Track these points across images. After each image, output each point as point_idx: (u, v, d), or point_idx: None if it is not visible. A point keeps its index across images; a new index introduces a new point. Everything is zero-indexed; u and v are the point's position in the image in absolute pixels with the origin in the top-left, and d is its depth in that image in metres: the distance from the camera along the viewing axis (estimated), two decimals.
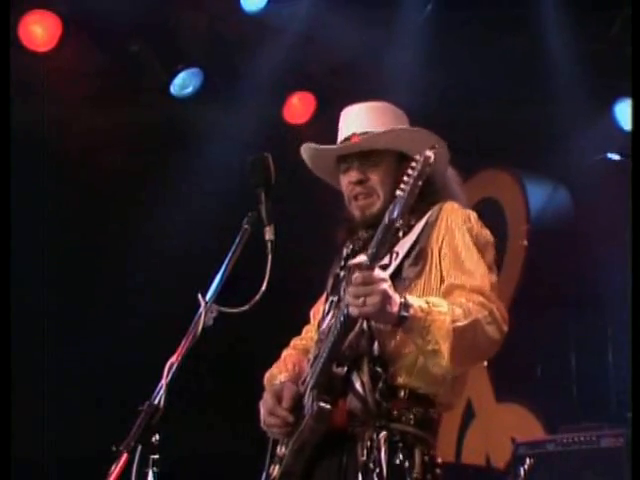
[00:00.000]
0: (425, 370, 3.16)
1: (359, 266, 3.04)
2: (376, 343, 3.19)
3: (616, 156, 5.59)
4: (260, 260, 3.08)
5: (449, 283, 3.23)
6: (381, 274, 3.04)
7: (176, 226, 6.93)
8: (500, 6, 6.47)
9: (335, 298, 3.42)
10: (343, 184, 3.49)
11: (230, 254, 3.12)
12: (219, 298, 3.03)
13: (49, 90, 6.59)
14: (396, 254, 3.28)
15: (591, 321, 6.99)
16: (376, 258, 3.05)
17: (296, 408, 3.29)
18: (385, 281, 3.02)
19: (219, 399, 7.14)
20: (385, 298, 3.00)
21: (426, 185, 3.20)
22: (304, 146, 3.56)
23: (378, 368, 3.17)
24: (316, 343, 3.42)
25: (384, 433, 3.14)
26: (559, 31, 6.66)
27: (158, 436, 2.81)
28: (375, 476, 3.09)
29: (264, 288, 3.04)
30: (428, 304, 3.08)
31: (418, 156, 3.07)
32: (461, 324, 3.06)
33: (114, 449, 2.77)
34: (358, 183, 3.42)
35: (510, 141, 7.20)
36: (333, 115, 3.61)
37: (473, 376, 7.54)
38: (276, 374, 3.52)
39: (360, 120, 3.49)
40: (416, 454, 3.16)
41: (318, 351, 3.30)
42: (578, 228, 7.19)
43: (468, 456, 7.55)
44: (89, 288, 7.02)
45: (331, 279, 3.57)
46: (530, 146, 7.22)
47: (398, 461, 3.12)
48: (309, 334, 3.66)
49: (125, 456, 2.76)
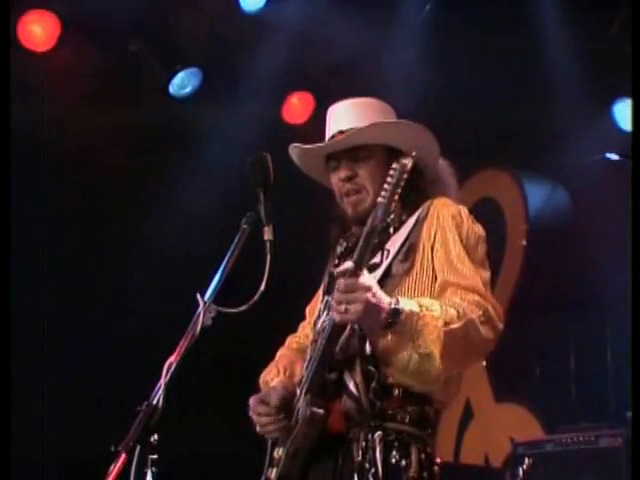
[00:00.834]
0: (418, 370, 3.12)
1: (344, 273, 3.04)
2: (367, 342, 3.17)
3: (615, 156, 5.58)
4: (259, 260, 3.08)
5: (443, 280, 3.22)
6: (366, 282, 3.02)
7: (175, 226, 6.93)
8: (499, 6, 6.47)
9: (330, 297, 3.35)
10: (333, 182, 3.48)
11: (229, 254, 3.11)
12: (218, 298, 3.03)
13: (48, 90, 6.59)
14: (387, 252, 3.28)
15: (590, 321, 6.99)
16: (360, 265, 3.04)
17: (288, 409, 3.28)
18: (369, 289, 3.00)
19: (218, 399, 7.13)
20: (368, 306, 2.99)
21: (417, 179, 3.25)
22: (291, 147, 3.54)
23: (371, 367, 3.15)
24: (312, 343, 3.41)
25: (379, 433, 3.13)
26: (558, 31, 6.66)
27: (157, 436, 2.81)
28: (371, 476, 3.08)
29: (263, 288, 3.04)
30: (420, 307, 3.05)
31: (395, 164, 3.10)
32: (454, 326, 3.05)
33: (113, 449, 2.77)
34: (347, 180, 3.41)
35: (509, 141, 7.20)
36: None
37: (472, 376, 7.58)
38: (268, 380, 3.50)
39: (346, 117, 3.47)
40: (412, 452, 3.15)
41: (311, 353, 3.29)
42: (577, 228, 7.19)
43: (467, 456, 7.55)
44: (89, 288, 7.02)
45: (326, 277, 3.57)
46: (529, 146, 7.22)
47: (394, 460, 3.11)
48: (304, 331, 3.65)
49: (124, 456, 2.75)
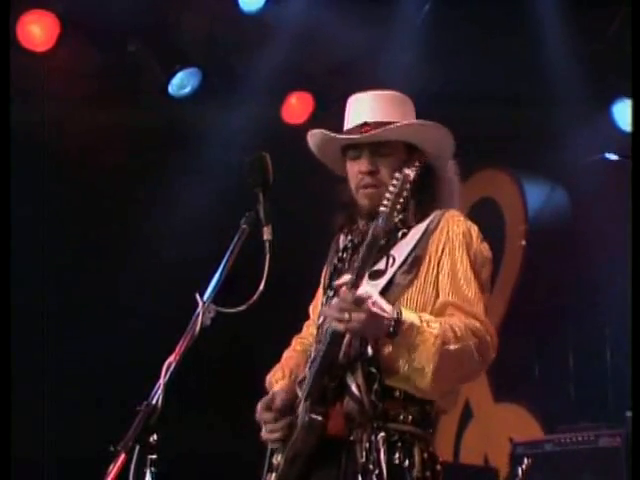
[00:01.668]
0: (408, 383, 3.14)
1: (344, 285, 3.06)
2: (369, 345, 3.17)
3: (614, 156, 5.58)
4: (258, 260, 3.08)
5: (446, 301, 3.21)
6: (365, 294, 3.03)
7: (174, 226, 6.93)
8: (498, 5, 6.47)
9: (331, 293, 3.35)
10: (351, 171, 3.42)
11: (228, 254, 3.10)
12: (217, 298, 3.03)
13: (47, 90, 6.58)
14: (393, 259, 3.26)
15: (589, 321, 6.98)
16: (360, 275, 3.06)
17: (290, 412, 3.28)
18: (368, 300, 3.00)
19: (218, 399, 7.13)
20: (368, 318, 3.00)
21: (430, 182, 3.32)
22: (314, 132, 3.48)
23: (372, 369, 3.15)
24: (315, 342, 3.39)
25: (382, 434, 3.13)
26: (557, 30, 6.66)
27: (156, 436, 2.81)
28: (375, 477, 3.08)
29: (262, 288, 3.03)
30: (421, 322, 3.06)
31: (398, 174, 3.12)
32: (451, 348, 3.05)
33: (112, 449, 2.77)
34: (368, 173, 3.37)
35: (508, 141, 7.19)
36: (331, 115, 3.60)
37: None
38: (273, 382, 3.50)
39: (371, 108, 3.43)
40: (415, 452, 3.16)
41: (315, 353, 3.28)
42: (576, 228, 7.19)
43: (466, 456, 7.55)
44: (89, 288, 7.01)
45: (327, 270, 3.53)
46: (528, 146, 7.22)
47: (397, 461, 3.12)
48: (309, 330, 3.62)
49: (123, 456, 2.75)
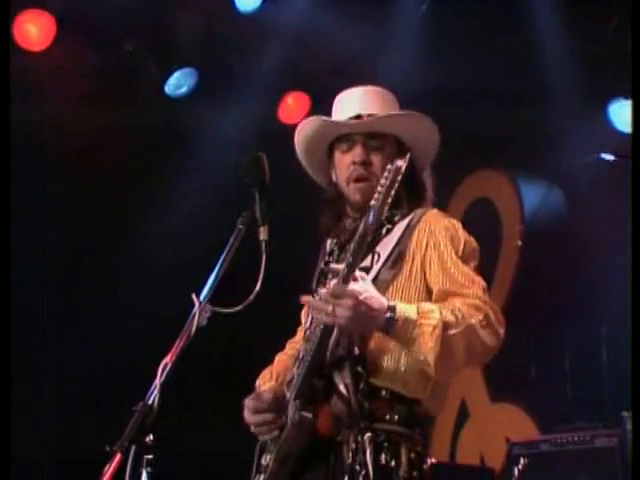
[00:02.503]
0: (406, 379, 3.14)
1: (335, 274, 3.05)
2: (356, 343, 3.16)
3: (610, 156, 5.58)
4: (255, 260, 3.08)
5: (442, 289, 3.20)
6: (355, 289, 3.00)
7: (171, 225, 6.93)
8: (495, 4, 6.47)
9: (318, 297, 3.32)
10: (342, 164, 3.42)
11: (224, 254, 3.11)
12: (213, 298, 3.03)
13: (43, 89, 6.58)
14: (378, 256, 3.26)
15: (585, 321, 6.98)
16: (352, 268, 3.03)
17: (278, 410, 3.27)
18: (358, 296, 2.98)
19: (217, 398, 7.12)
20: (357, 313, 2.97)
21: (414, 177, 3.34)
22: (313, 118, 3.49)
23: (359, 368, 3.14)
24: (304, 341, 3.39)
25: (369, 434, 3.11)
26: (554, 30, 6.66)
27: (152, 436, 2.81)
28: (361, 478, 3.07)
29: (258, 288, 3.03)
30: (418, 314, 3.04)
31: (389, 165, 3.10)
32: (453, 332, 3.03)
33: (107, 449, 2.76)
34: (362, 164, 3.37)
35: (504, 141, 7.19)
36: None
37: (467, 376, 7.57)
38: (261, 384, 3.50)
39: (363, 102, 3.45)
40: (402, 452, 3.14)
41: (303, 353, 3.27)
42: (572, 228, 7.18)
43: (463, 456, 7.56)
44: (89, 288, 7.02)
45: (316, 274, 3.52)
46: (524, 146, 7.22)
47: (384, 461, 3.11)
48: (301, 334, 3.60)
49: (119, 456, 2.75)
